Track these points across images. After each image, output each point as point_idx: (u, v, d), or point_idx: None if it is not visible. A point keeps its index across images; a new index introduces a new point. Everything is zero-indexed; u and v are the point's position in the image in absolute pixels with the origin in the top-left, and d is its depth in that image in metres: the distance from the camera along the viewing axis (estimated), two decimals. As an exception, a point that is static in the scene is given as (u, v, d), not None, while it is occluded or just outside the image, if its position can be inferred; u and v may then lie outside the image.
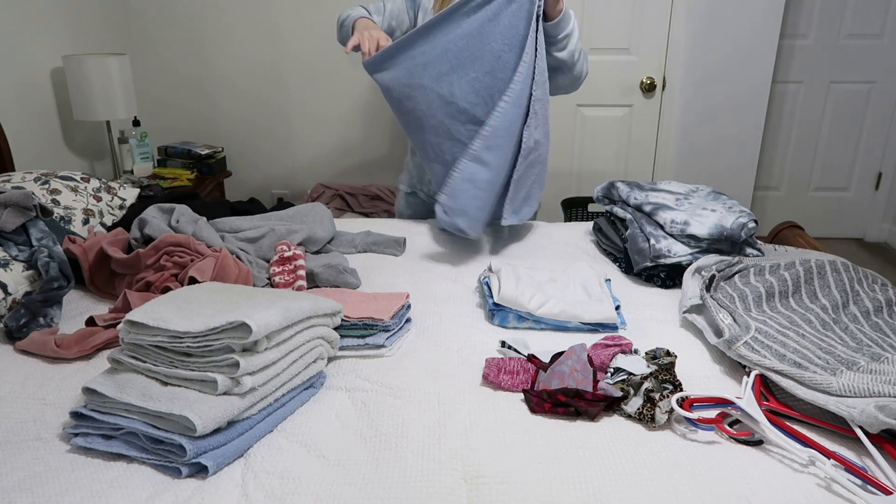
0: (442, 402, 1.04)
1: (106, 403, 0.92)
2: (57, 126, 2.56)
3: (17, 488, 0.84)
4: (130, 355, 0.97)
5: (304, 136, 3.29)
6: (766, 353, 1.09)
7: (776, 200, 3.83)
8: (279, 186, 3.39)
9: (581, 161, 3.34)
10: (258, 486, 0.86)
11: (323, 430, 0.97)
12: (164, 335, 0.94)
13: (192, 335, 0.92)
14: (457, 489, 0.86)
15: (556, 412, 1.01)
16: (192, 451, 0.86)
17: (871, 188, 3.79)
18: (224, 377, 0.91)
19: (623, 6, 3.06)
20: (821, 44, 3.51)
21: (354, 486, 0.86)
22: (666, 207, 1.58)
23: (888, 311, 1.29)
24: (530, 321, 1.29)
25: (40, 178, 1.71)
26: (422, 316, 1.33)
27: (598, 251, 1.74)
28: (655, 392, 1.01)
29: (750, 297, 1.29)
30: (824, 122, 3.66)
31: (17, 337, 1.21)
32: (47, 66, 2.48)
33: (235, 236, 1.55)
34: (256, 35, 3.10)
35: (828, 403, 0.96)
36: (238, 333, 0.92)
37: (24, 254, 1.37)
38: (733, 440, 0.96)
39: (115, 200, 1.82)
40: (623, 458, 0.91)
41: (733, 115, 3.23)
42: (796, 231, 1.83)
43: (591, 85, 3.18)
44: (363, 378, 1.11)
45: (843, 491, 0.85)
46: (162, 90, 3.21)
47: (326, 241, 1.67)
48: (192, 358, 0.94)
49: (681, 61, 3.12)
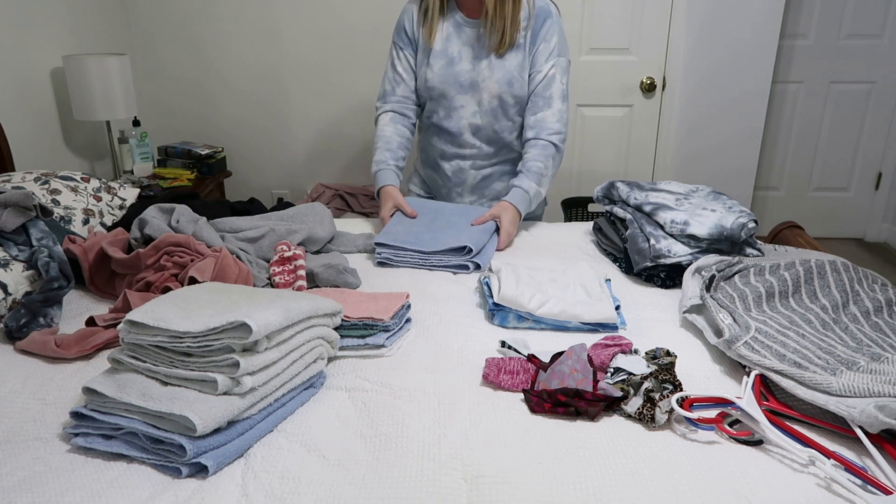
0: (442, 402, 1.04)
1: (106, 403, 0.92)
2: (57, 126, 2.56)
3: (17, 488, 0.84)
4: (130, 355, 0.97)
5: (304, 136, 3.29)
6: (766, 353, 1.09)
7: (776, 200, 3.84)
8: (279, 186, 3.39)
9: (581, 161, 3.34)
10: (258, 486, 0.86)
11: (323, 430, 0.98)
12: (164, 335, 0.94)
13: (193, 335, 0.92)
14: (457, 489, 0.86)
15: (556, 412, 1.01)
16: (193, 451, 0.86)
17: (871, 188, 3.79)
18: (224, 377, 0.91)
19: (623, 6, 3.06)
20: (821, 44, 3.52)
21: (354, 486, 0.86)
22: (666, 207, 1.58)
23: (888, 311, 1.29)
24: (530, 321, 1.29)
25: (40, 178, 1.71)
26: (422, 316, 1.33)
27: (598, 251, 1.74)
28: (655, 392, 1.01)
29: (750, 297, 1.29)
30: (824, 122, 3.66)
31: (18, 337, 1.21)
32: (47, 66, 2.48)
33: (235, 236, 1.55)
34: (257, 35, 3.10)
35: (828, 403, 0.96)
36: (238, 333, 0.92)
37: (24, 254, 1.37)
38: (733, 440, 0.96)
39: (115, 200, 1.83)
40: (623, 458, 0.92)
41: (733, 116, 3.23)
42: (796, 231, 1.83)
43: (591, 85, 3.19)
44: (363, 378, 1.11)
45: (843, 491, 0.85)
46: (162, 90, 3.21)
47: (326, 241, 1.67)
48: (192, 358, 0.94)
49: (681, 61, 3.12)
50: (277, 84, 3.19)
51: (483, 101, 1.83)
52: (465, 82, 1.82)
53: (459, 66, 1.82)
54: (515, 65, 1.79)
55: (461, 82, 1.82)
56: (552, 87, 1.80)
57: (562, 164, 3.31)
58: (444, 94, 1.84)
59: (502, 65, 1.79)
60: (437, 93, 1.85)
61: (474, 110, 1.85)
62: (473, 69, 1.81)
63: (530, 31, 1.79)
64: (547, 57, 1.79)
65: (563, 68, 1.82)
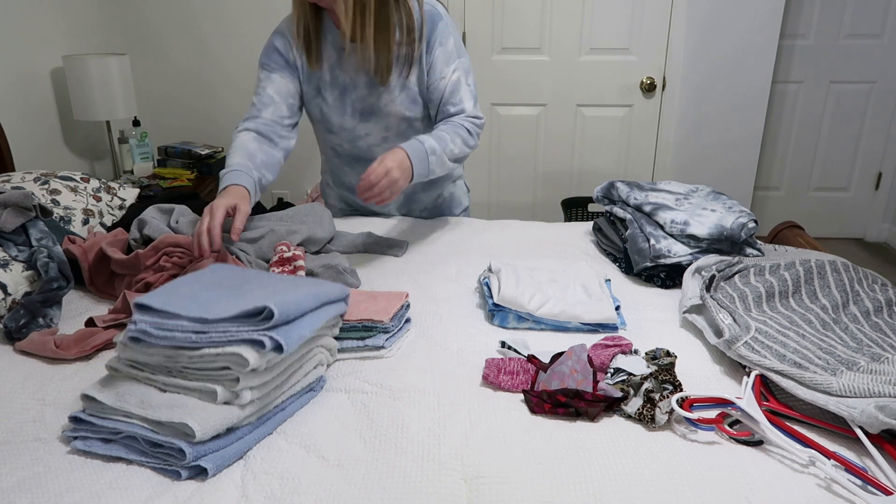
0: (442, 402, 1.04)
1: (104, 410, 0.92)
2: (57, 126, 2.56)
3: (16, 489, 0.84)
4: (129, 364, 0.96)
5: (303, 136, 3.28)
6: (766, 353, 1.09)
7: (776, 200, 3.84)
8: (279, 186, 3.39)
9: (581, 161, 3.34)
10: (258, 487, 0.86)
11: (322, 431, 0.97)
12: (159, 356, 0.93)
13: (188, 356, 0.92)
14: (457, 489, 0.86)
15: (556, 413, 1.01)
16: (192, 455, 0.85)
17: (871, 188, 3.79)
18: (224, 389, 0.90)
19: (623, 6, 3.06)
20: (821, 44, 3.52)
21: (354, 487, 0.86)
22: (666, 207, 1.58)
23: (888, 311, 1.29)
24: (530, 321, 1.29)
25: (40, 178, 1.71)
26: (422, 316, 1.33)
27: (598, 251, 1.74)
28: (655, 392, 1.01)
29: (750, 297, 1.29)
30: (824, 122, 3.66)
31: (17, 338, 1.21)
32: (47, 66, 2.48)
33: (235, 236, 1.55)
34: (256, 34, 3.10)
35: (828, 403, 0.96)
36: (236, 359, 0.90)
37: (24, 254, 1.37)
38: (733, 440, 0.96)
39: (115, 200, 1.82)
40: (623, 458, 0.91)
41: (733, 116, 3.23)
42: (796, 231, 1.83)
43: (591, 85, 3.19)
44: (362, 379, 1.11)
45: (843, 491, 0.85)
46: (162, 90, 3.21)
47: (326, 241, 1.67)
48: (191, 370, 0.93)
49: (681, 61, 3.12)
50: (277, 84, 3.18)
51: (390, 126, 1.70)
52: (365, 110, 1.68)
53: (355, 94, 1.67)
54: (415, 79, 1.65)
55: (360, 111, 1.69)
56: (460, 92, 1.65)
57: (561, 165, 3.33)
58: (343, 125, 1.71)
59: (402, 84, 1.65)
60: (337, 126, 1.72)
61: (383, 136, 1.72)
62: (371, 94, 1.66)
63: (424, 39, 1.62)
64: (446, 61, 1.63)
65: (465, 69, 1.66)
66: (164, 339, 0.91)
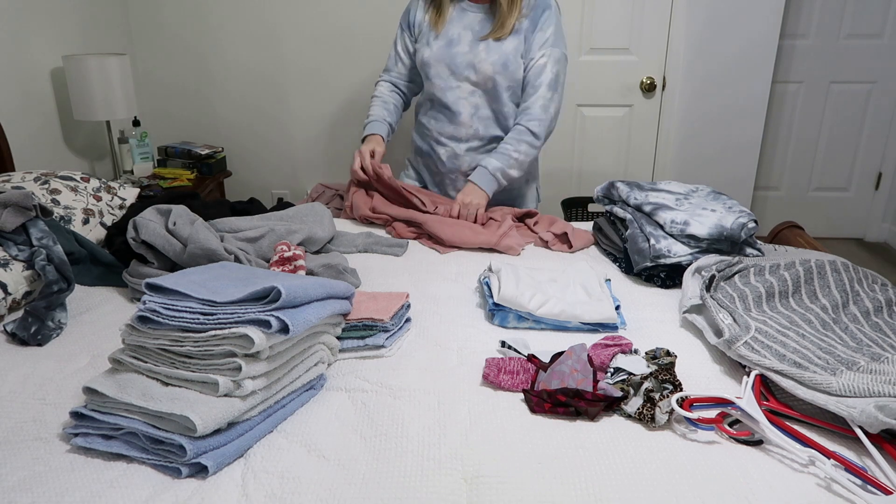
0: (442, 402, 1.04)
1: (106, 403, 0.92)
2: (57, 126, 2.56)
3: (17, 488, 0.84)
4: (132, 356, 0.97)
5: (304, 136, 3.29)
6: (766, 353, 1.09)
7: (776, 200, 3.83)
8: (279, 186, 3.39)
9: (581, 161, 3.33)
10: (258, 486, 0.86)
11: (323, 430, 0.98)
12: (164, 339, 0.94)
13: (193, 339, 0.93)
14: (457, 489, 0.86)
15: (556, 412, 1.01)
16: (193, 452, 0.86)
17: (871, 188, 3.79)
18: (226, 379, 0.91)
19: (623, 6, 3.06)
20: (821, 44, 3.51)
21: (354, 486, 0.86)
22: (666, 207, 1.58)
23: (888, 311, 1.29)
24: (530, 321, 1.29)
25: (40, 178, 1.71)
26: (422, 316, 1.33)
27: (598, 251, 1.74)
28: (655, 392, 1.01)
29: (750, 297, 1.29)
30: (824, 122, 3.66)
31: (37, 343, 1.22)
32: (47, 66, 2.48)
33: (235, 236, 1.55)
34: (256, 36, 3.10)
35: (828, 403, 0.96)
36: (241, 342, 0.92)
37: (24, 254, 1.37)
38: (733, 440, 0.96)
39: (115, 200, 1.82)
40: (623, 458, 0.91)
41: (733, 116, 3.23)
42: (796, 231, 1.83)
43: (591, 85, 3.18)
44: (363, 378, 1.11)
45: (843, 491, 0.85)
46: (162, 90, 3.21)
47: (326, 241, 1.67)
48: (194, 360, 0.94)
49: (681, 61, 3.12)
50: (277, 85, 3.18)
51: (479, 83, 1.90)
52: (461, 63, 1.89)
53: (457, 48, 1.89)
54: (512, 48, 1.86)
55: (457, 63, 1.89)
56: (542, 76, 1.87)
57: (561, 165, 3.32)
58: (439, 73, 1.92)
59: (499, 48, 1.86)
60: (433, 72, 1.93)
61: (471, 90, 1.92)
62: (470, 51, 1.88)
63: (529, 18, 1.86)
64: (540, 46, 1.86)
65: (555, 59, 1.87)
66: (173, 319, 0.93)
